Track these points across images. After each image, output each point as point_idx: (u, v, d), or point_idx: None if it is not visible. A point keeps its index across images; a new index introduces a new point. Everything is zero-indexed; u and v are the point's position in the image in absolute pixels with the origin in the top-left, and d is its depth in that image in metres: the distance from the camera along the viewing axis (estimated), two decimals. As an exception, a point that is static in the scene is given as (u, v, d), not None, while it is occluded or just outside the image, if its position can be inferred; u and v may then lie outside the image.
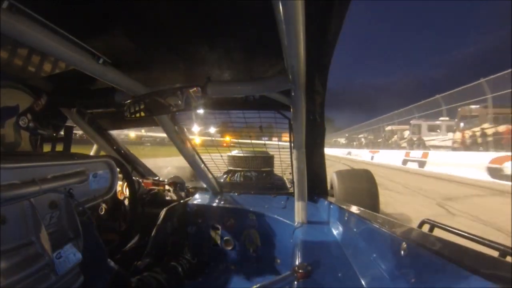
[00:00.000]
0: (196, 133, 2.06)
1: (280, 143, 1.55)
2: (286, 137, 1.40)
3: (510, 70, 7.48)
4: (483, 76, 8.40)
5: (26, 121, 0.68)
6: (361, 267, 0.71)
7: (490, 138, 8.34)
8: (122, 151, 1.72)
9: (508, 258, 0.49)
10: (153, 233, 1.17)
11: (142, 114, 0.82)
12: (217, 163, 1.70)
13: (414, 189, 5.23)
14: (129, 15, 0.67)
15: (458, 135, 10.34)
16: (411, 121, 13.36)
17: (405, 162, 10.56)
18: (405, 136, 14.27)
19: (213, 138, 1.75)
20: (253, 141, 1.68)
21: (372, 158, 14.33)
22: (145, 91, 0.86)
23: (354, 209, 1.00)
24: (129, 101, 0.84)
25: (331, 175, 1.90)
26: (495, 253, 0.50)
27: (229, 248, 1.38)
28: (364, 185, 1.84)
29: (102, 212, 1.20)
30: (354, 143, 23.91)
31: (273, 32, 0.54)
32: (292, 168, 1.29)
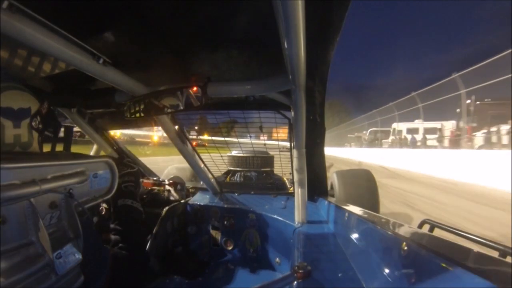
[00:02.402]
0: (195, 133, 2.05)
1: (280, 143, 1.55)
2: (286, 137, 1.40)
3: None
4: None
5: (37, 123, 0.71)
6: (361, 267, 0.71)
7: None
8: (122, 151, 1.72)
9: (508, 258, 0.49)
10: (153, 233, 1.17)
11: (142, 114, 0.82)
12: (217, 163, 1.70)
13: None
14: (130, 15, 0.67)
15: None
16: None
17: None
18: None
19: (213, 138, 1.75)
20: (253, 141, 1.68)
21: None
22: (145, 91, 0.86)
23: (354, 209, 1.00)
24: (129, 101, 0.84)
25: (331, 175, 1.90)
26: (495, 253, 0.50)
27: (229, 248, 1.38)
28: (364, 185, 1.84)
29: (102, 212, 1.20)
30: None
31: (273, 32, 0.54)
32: (292, 168, 1.29)
